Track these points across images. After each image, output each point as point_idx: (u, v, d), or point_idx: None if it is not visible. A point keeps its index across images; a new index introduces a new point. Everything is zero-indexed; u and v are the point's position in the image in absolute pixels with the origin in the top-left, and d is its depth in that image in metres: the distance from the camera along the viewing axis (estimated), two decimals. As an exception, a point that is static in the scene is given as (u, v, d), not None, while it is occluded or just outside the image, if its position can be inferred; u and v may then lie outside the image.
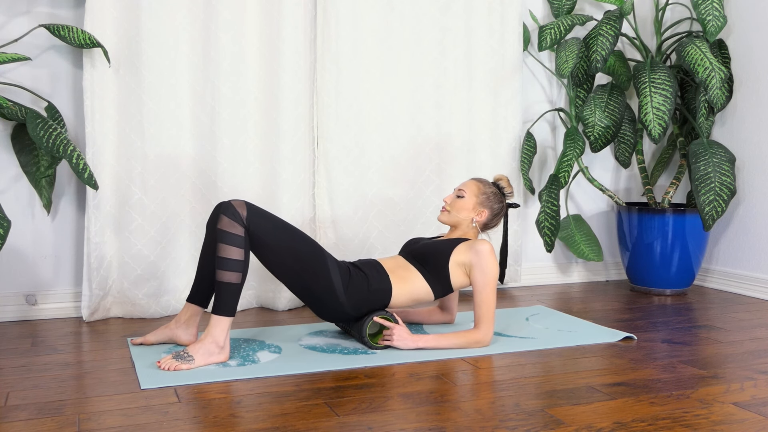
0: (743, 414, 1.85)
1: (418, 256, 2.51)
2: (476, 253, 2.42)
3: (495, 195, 2.59)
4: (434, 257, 2.47)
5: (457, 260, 2.45)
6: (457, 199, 2.57)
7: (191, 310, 2.46)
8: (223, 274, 2.22)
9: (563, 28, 3.31)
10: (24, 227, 2.88)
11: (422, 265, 2.49)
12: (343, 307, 2.37)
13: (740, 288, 3.53)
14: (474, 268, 2.42)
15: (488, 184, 2.60)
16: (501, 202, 2.60)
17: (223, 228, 2.24)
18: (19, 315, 2.88)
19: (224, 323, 2.24)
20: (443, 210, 2.59)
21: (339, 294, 2.34)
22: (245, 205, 2.28)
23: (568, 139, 3.42)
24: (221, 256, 2.23)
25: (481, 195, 2.56)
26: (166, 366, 2.17)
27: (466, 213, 2.55)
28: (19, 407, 1.88)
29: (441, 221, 2.60)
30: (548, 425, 1.76)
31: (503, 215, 2.62)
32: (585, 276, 3.84)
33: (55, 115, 2.80)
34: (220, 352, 2.24)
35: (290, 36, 3.05)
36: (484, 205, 2.56)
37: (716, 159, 3.24)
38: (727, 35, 3.59)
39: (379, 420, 1.80)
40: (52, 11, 2.86)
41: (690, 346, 2.52)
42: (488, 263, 2.41)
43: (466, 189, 2.57)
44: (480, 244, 2.43)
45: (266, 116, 3.06)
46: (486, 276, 2.41)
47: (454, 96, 3.38)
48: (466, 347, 2.43)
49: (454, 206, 2.56)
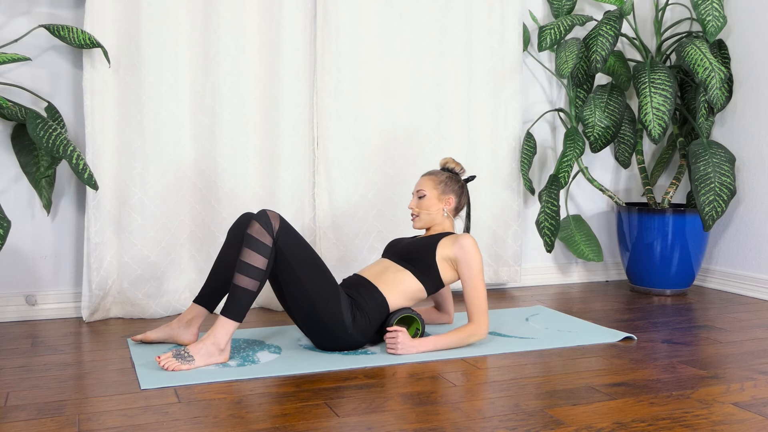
0: (743, 414, 1.85)
1: (404, 255, 2.52)
2: (461, 247, 2.45)
3: (450, 178, 2.62)
4: (421, 254, 2.48)
5: (443, 255, 2.47)
6: (421, 200, 2.60)
7: (196, 311, 2.46)
8: (241, 279, 2.22)
9: (563, 28, 3.31)
10: (24, 227, 2.88)
11: (411, 264, 2.49)
12: (352, 337, 2.37)
13: (740, 288, 3.53)
14: (460, 263, 2.45)
15: (439, 172, 2.64)
16: (458, 182, 2.64)
17: (253, 234, 2.24)
18: (19, 315, 2.88)
19: (230, 326, 2.23)
20: (414, 217, 2.62)
21: (348, 326, 2.34)
22: (279, 219, 2.29)
23: (568, 140, 3.42)
24: (244, 261, 2.23)
25: (439, 185, 2.59)
26: (165, 364, 2.17)
27: (435, 207, 2.59)
28: (19, 407, 1.88)
29: (418, 228, 2.63)
30: (548, 425, 1.76)
31: (467, 192, 2.67)
32: (585, 276, 3.84)
33: (55, 115, 2.80)
34: (220, 354, 2.24)
35: (290, 36, 3.05)
36: (446, 192, 2.60)
37: (716, 159, 3.24)
38: (727, 35, 3.60)
39: (379, 420, 1.80)
40: (52, 11, 2.86)
41: (690, 347, 2.52)
42: (473, 257, 2.44)
43: (424, 187, 2.60)
44: (463, 239, 2.46)
45: (266, 116, 3.07)
46: (472, 269, 2.44)
47: (454, 96, 3.38)
48: (466, 342, 2.43)
49: (422, 207, 2.60)
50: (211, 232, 3.01)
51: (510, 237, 3.52)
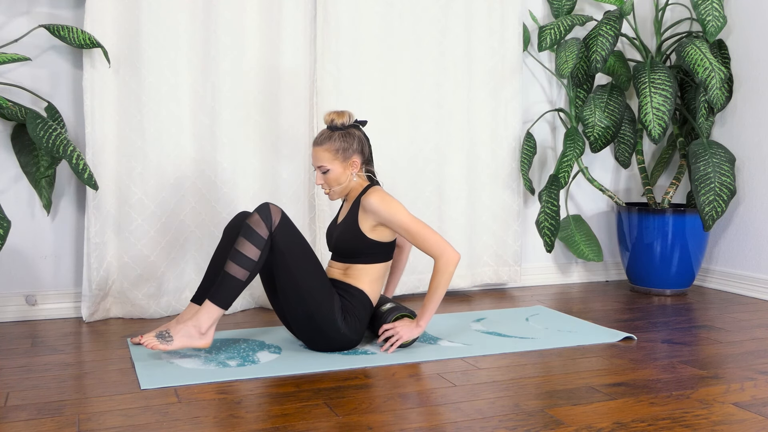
0: (743, 414, 1.85)
1: (345, 252, 2.42)
2: (372, 207, 2.34)
3: (344, 137, 2.40)
4: (355, 243, 2.39)
5: (368, 227, 2.37)
6: (326, 175, 2.41)
7: (194, 310, 2.46)
8: (231, 266, 2.23)
9: (563, 28, 3.31)
10: (24, 227, 2.88)
11: (356, 257, 2.41)
12: (346, 336, 2.35)
13: (740, 288, 3.53)
14: (383, 219, 2.34)
15: (330, 136, 2.40)
16: (352, 134, 2.42)
17: (251, 224, 2.24)
18: (19, 315, 2.88)
19: (213, 312, 2.23)
20: (327, 193, 2.46)
21: (340, 326, 2.33)
22: (280, 213, 2.27)
23: (568, 140, 3.42)
24: (237, 249, 2.23)
25: (337, 152, 2.39)
26: (146, 342, 2.19)
27: (344, 177, 2.41)
28: (19, 407, 1.88)
29: (334, 200, 2.47)
30: (548, 425, 1.76)
31: (365, 138, 2.47)
32: (585, 276, 3.84)
33: (55, 115, 2.80)
34: (201, 338, 2.23)
35: (290, 36, 3.05)
36: (347, 156, 2.40)
37: (716, 159, 3.24)
38: (727, 35, 3.60)
39: (379, 420, 1.80)
40: (52, 11, 2.86)
41: (690, 346, 2.52)
42: (387, 208, 2.33)
43: (322, 160, 2.40)
44: (367, 199, 2.35)
45: (266, 116, 3.07)
46: (396, 214, 2.33)
47: (454, 96, 3.38)
48: (448, 279, 2.34)
49: (329, 182, 2.42)
50: (211, 232, 3.01)
51: (510, 237, 3.52)
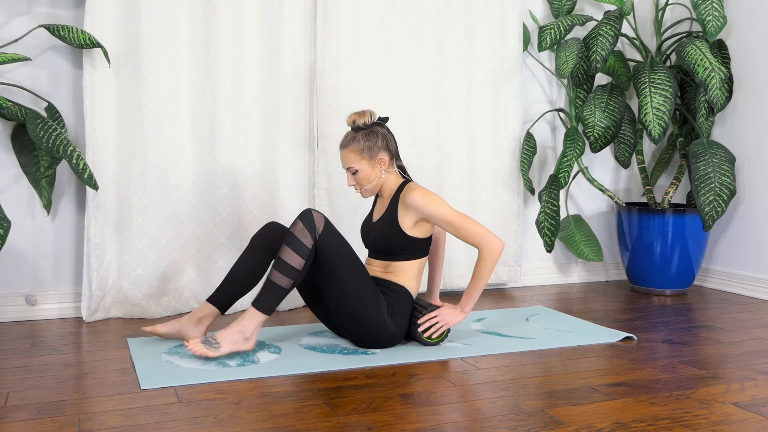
0: (743, 414, 1.85)
1: (384, 249, 2.46)
2: (415, 204, 2.37)
3: (368, 136, 2.42)
4: (394, 240, 2.42)
5: (408, 224, 2.40)
6: (356, 176, 2.44)
7: (208, 310, 2.47)
8: (275, 274, 2.26)
9: (563, 28, 3.31)
10: (24, 227, 2.88)
11: (397, 253, 2.44)
12: (392, 333, 2.39)
13: (740, 288, 3.53)
14: (426, 214, 2.37)
15: (355, 137, 2.42)
16: (377, 132, 2.43)
17: (295, 233, 2.26)
18: (19, 315, 2.88)
19: (258, 318, 2.28)
20: (359, 192, 2.48)
21: (388, 324, 2.38)
22: (323, 220, 2.29)
23: (568, 140, 3.42)
24: (281, 258, 2.26)
25: (364, 151, 2.41)
26: (193, 348, 2.22)
27: (373, 174, 2.44)
28: (19, 407, 1.88)
29: (367, 198, 2.51)
30: (548, 425, 1.76)
31: (390, 134, 2.48)
32: (585, 276, 3.84)
33: (55, 115, 2.80)
34: (246, 342, 2.29)
35: (290, 36, 3.05)
36: (374, 154, 2.42)
37: (716, 159, 3.24)
38: (727, 35, 3.60)
39: (379, 420, 1.80)
40: (52, 11, 2.86)
41: (690, 346, 2.52)
42: (429, 200, 2.36)
43: (351, 162, 2.42)
44: (409, 195, 2.38)
45: (266, 116, 3.07)
46: (438, 208, 2.36)
47: (454, 96, 3.38)
48: (492, 267, 2.37)
49: (360, 181, 2.44)
50: (211, 232, 3.01)
51: (510, 237, 3.52)
